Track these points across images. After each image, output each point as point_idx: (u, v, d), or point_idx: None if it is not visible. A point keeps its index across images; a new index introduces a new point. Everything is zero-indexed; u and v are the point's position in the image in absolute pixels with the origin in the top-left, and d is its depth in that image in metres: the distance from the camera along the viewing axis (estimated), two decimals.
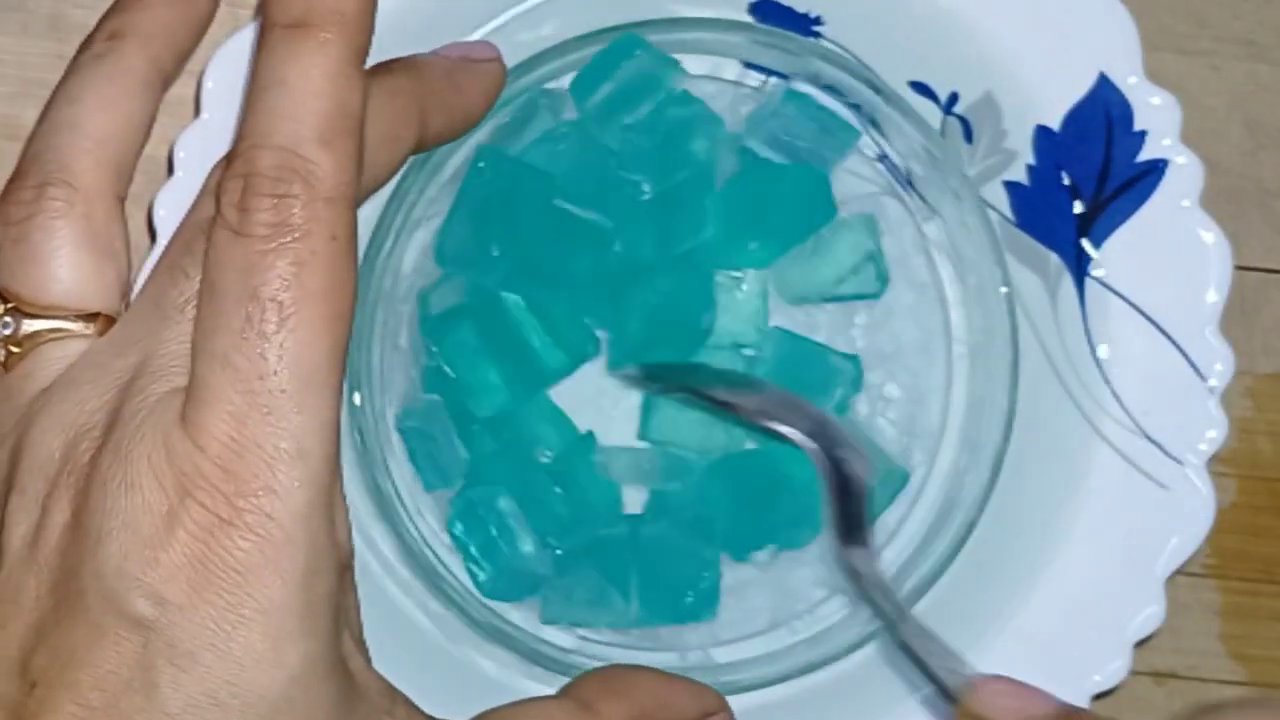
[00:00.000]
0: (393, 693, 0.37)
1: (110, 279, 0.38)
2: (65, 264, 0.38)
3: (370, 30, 0.35)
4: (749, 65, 0.48)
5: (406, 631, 0.46)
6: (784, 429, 0.41)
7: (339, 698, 0.34)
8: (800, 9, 0.47)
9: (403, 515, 0.46)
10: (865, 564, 0.41)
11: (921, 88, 0.48)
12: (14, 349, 0.37)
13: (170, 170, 0.45)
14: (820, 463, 0.41)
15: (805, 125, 0.47)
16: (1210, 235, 0.46)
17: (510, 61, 0.44)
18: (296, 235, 0.33)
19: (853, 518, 0.41)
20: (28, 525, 0.35)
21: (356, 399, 0.45)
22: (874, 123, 0.48)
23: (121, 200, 0.39)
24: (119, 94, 0.39)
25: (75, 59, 0.40)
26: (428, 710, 0.38)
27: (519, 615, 0.47)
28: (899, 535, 0.48)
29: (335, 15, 0.34)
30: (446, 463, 0.46)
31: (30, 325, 0.37)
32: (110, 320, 0.38)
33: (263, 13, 0.35)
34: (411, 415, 0.47)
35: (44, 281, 0.38)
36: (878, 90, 0.47)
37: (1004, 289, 0.47)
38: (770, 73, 0.48)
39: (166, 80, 0.41)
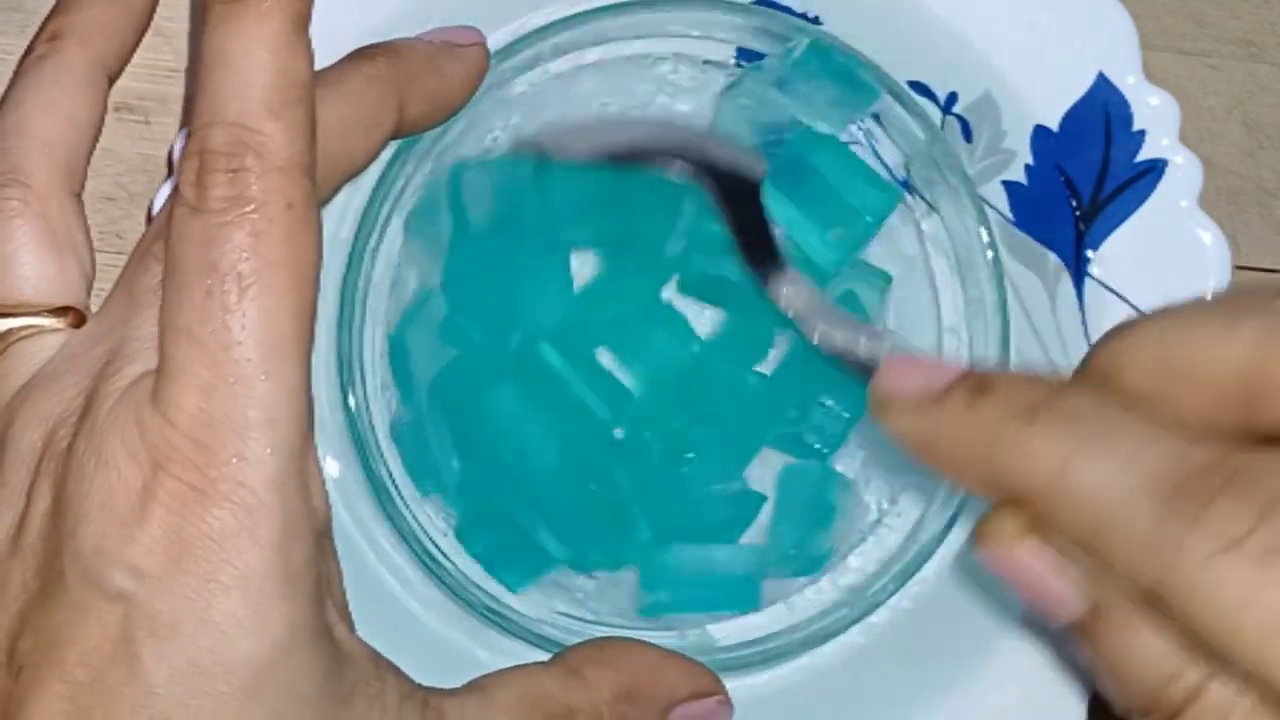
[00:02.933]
0: (379, 660, 0.37)
1: (74, 273, 0.39)
2: (29, 262, 0.39)
3: None
4: (746, 52, 0.48)
5: (397, 612, 0.46)
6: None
7: (325, 664, 0.35)
8: (798, 8, 0.47)
9: (396, 499, 0.46)
10: (778, 281, 0.39)
11: (920, 88, 0.48)
12: None
13: (170, 170, 0.45)
14: (704, 183, 0.39)
15: (825, 79, 0.46)
16: (1209, 235, 0.46)
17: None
18: (253, 206, 0.34)
19: (751, 230, 0.39)
20: (12, 517, 0.35)
21: (351, 400, 0.45)
22: (874, 115, 0.48)
23: (77, 196, 0.40)
24: (61, 94, 0.41)
25: (18, 65, 0.41)
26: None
27: (515, 599, 0.47)
28: (889, 512, 0.48)
29: None
30: (440, 467, 0.47)
31: (1, 325, 0.38)
32: (79, 313, 0.39)
33: None
34: (403, 422, 0.47)
35: (10, 282, 0.39)
36: (879, 79, 0.46)
37: (990, 254, 0.46)
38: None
39: (110, 76, 0.42)
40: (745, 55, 0.48)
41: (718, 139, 0.42)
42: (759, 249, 0.39)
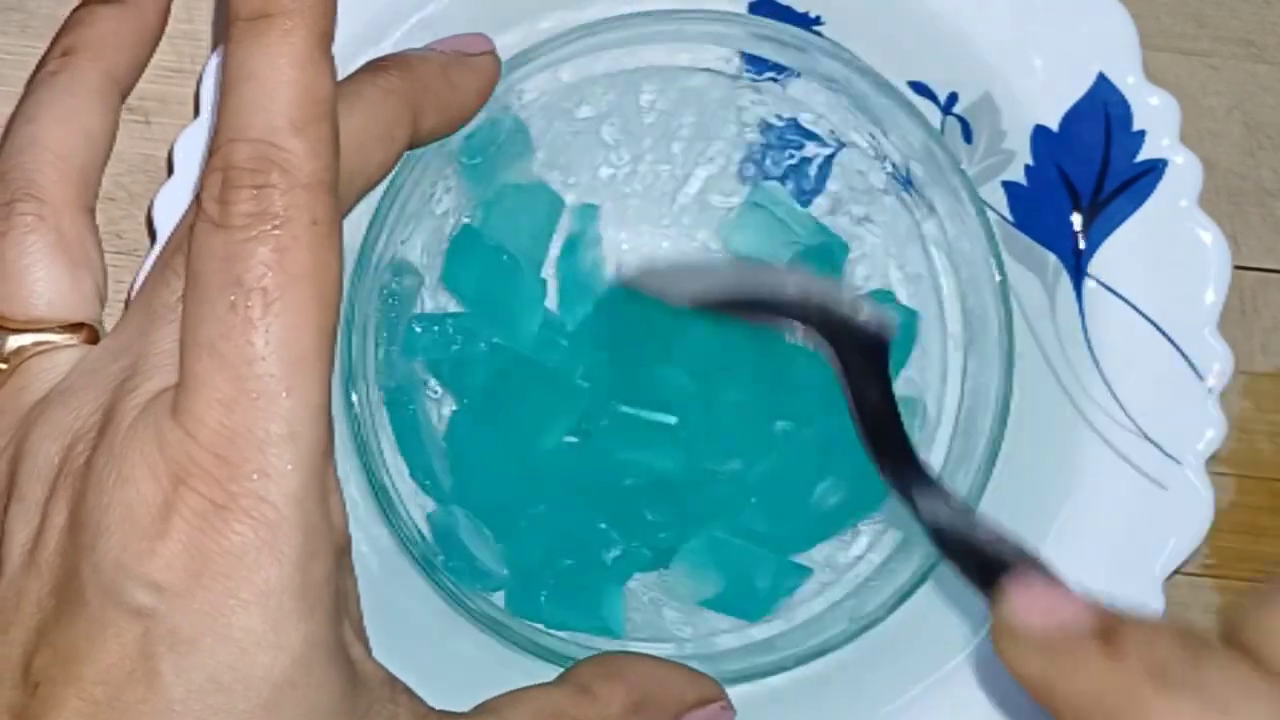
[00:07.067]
0: (394, 682, 0.37)
1: (88, 288, 0.39)
2: (42, 278, 0.39)
3: (332, 14, 0.35)
4: (748, 60, 0.48)
5: (405, 627, 0.46)
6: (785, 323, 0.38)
7: (341, 682, 0.35)
8: (799, 9, 0.47)
9: (399, 508, 0.46)
10: (913, 485, 0.36)
11: (920, 88, 0.48)
12: (1, 365, 0.38)
13: (170, 170, 0.45)
14: (830, 359, 0.37)
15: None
16: (1209, 235, 0.46)
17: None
18: (277, 222, 0.34)
19: (883, 426, 0.37)
20: (28, 532, 0.35)
21: (354, 398, 0.45)
22: (873, 119, 0.48)
23: (90, 211, 0.40)
24: (75, 108, 0.40)
25: (31, 79, 0.41)
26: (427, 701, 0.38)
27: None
28: (894, 524, 0.48)
29: (295, 3, 0.34)
30: (485, 562, 0.47)
31: (15, 341, 0.38)
32: (92, 329, 0.39)
33: (227, 7, 0.35)
34: (436, 530, 0.47)
35: (23, 297, 0.38)
36: (878, 84, 0.46)
37: (998, 277, 0.46)
38: (769, 66, 0.48)
39: (122, 90, 0.42)
40: (749, 61, 0.48)
41: (844, 292, 0.40)
42: (885, 436, 0.37)
